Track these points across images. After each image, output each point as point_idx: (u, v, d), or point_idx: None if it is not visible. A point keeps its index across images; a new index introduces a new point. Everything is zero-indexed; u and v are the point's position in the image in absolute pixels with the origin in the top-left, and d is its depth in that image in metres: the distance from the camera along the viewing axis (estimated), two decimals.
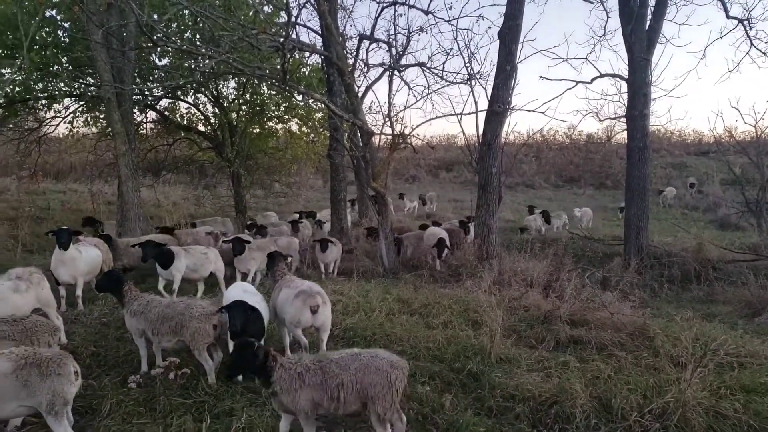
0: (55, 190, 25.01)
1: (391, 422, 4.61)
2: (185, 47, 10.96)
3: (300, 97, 16.95)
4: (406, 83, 12.87)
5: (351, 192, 18.42)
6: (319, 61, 16.23)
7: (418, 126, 13.51)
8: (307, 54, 15.86)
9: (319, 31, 14.30)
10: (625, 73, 13.17)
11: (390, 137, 12.28)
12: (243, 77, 15.10)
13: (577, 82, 13.50)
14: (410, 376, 6.13)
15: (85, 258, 9.23)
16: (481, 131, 12.34)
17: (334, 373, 4.51)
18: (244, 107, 17.14)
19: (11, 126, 17.65)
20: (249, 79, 15.44)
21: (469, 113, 12.49)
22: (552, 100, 14.95)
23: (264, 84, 16.47)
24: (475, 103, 12.42)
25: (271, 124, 18.58)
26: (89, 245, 9.79)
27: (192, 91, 16.88)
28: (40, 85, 15.49)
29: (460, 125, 21.10)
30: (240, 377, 5.64)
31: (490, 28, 13.05)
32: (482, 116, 12.39)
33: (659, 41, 13.07)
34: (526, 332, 7.93)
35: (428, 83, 12.86)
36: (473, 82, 12.34)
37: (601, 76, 13.64)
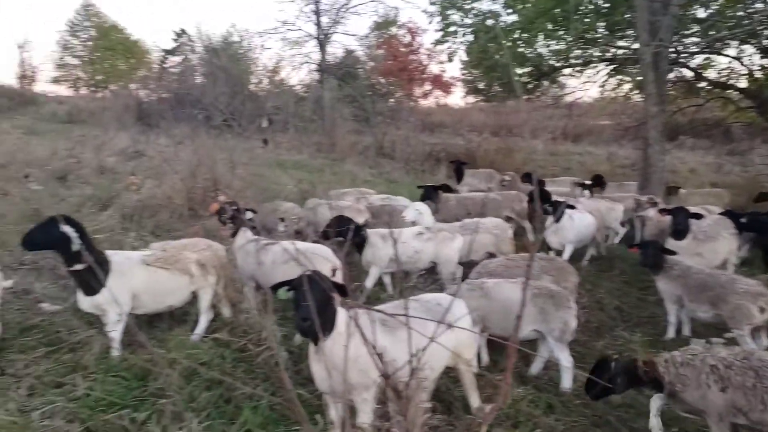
0: (573, 151, 26.82)
1: None
2: None
3: None
4: None
5: None
6: None
7: None
8: None
9: None
10: None
11: None
12: None
13: None
14: None
15: (576, 225, 8.72)
16: None
17: None
18: None
19: (539, 94, 19.56)
20: None
21: None
22: None
23: None
24: None
25: None
26: (583, 211, 9.45)
27: (737, 42, 14.83)
28: (577, 52, 16.47)
29: None
30: None
31: None
32: None
33: None
34: None
35: None
36: None
37: None
